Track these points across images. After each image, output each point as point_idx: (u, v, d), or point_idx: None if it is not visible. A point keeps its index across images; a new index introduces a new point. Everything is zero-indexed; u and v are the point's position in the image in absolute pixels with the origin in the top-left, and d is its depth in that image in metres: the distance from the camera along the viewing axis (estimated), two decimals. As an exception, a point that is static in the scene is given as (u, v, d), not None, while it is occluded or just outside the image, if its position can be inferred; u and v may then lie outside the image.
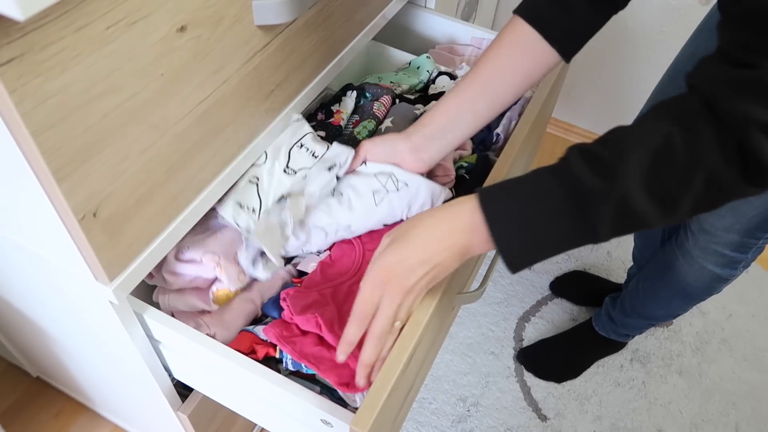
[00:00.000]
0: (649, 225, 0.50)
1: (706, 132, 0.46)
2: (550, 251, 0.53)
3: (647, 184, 0.48)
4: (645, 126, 0.50)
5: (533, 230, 0.52)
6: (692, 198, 0.48)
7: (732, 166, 0.46)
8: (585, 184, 0.49)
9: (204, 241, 0.70)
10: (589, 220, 0.50)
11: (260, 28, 0.62)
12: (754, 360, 1.35)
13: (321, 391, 0.65)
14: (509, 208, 0.52)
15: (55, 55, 0.41)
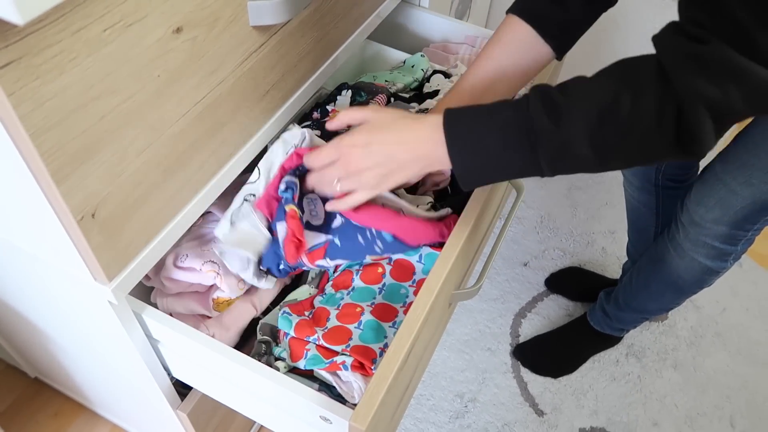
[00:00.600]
0: (587, 168, 0.57)
1: (651, 99, 0.51)
2: (500, 176, 0.60)
3: (590, 134, 0.53)
4: (601, 82, 0.55)
5: (486, 155, 0.58)
6: (627, 154, 0.54)
7: (667, 132, 0.51)
8: (536, 123, 0.55)
9: (203, 249, 0.70)
10: (534, 155, 0.56)
11: (255, 28, 0.62)
12: (748, 353, 1.37)
13: (320, 389, 0.66)
14: (468, 134, 0.58)
15: (53, 58, 0.42)
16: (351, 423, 0.54)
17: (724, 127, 0.51)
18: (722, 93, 0.48)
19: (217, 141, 0.64)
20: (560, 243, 1.55)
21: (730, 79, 0.48)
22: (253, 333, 0.73)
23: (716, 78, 0.48)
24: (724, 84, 0.48)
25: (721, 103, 0.49)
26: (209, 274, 0.68)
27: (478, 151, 0.58)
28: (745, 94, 0.48)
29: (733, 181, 0.84)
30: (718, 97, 0.48)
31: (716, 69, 0.48)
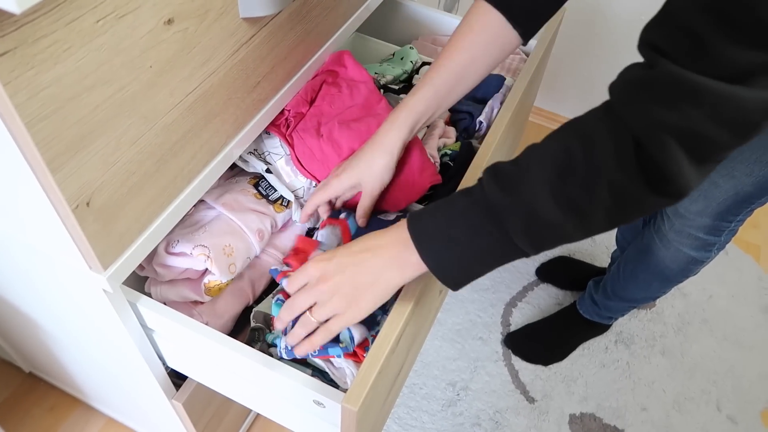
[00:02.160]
0: (569, 236, 0.51)
1: (604, 141, 0.47)
2: (482, 267, 0.55)
3: (554, 195, 0.49)
4: (550, 142, 0.51)
5: (459, 249, 0.54)
6: (602, 209, 0.49)
7: (631, 174, 0.46)
8: (493, 199, 0.51)
9: (193, 234, 0.71)
10: (506, 235, 0.52)
11: (245, 20, 0.63)
12: (733, 339, 1.39)
13: (313, 374, 0.67)
14: (434, 230, 0.55)
15: (47, 48, 0.43)
16: (343, 404, 0.56)
17: (708, 160, 0.46)
18: (680, 116, 0.43)
19: (210, 131, 0.65)
20: (550, 233, 1.56)
21: (684, 100, 0.43)
22: (247, 321, 0.74)
23: (668, 101, 0.44)
24: (679, 106, 0.43)
25: (682, 128, 0.44)
26: (200, 257, 0.69)
27: (448, 246, 0.54)
28: (707, 113, 0.43)
29: (715, 173, 0.86)
30: (677, 120, 0.43)
31: (667, 91, 0.44)
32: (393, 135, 0.71)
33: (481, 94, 0.95)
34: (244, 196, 0.77)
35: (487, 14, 0.70)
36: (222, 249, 0.71)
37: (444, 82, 0.71)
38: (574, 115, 0.60)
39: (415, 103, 0.71)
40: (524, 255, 0.53)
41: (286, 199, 0.80)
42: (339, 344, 0.63)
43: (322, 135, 0.79)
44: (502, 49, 0.71)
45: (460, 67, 0.71)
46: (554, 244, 0.53)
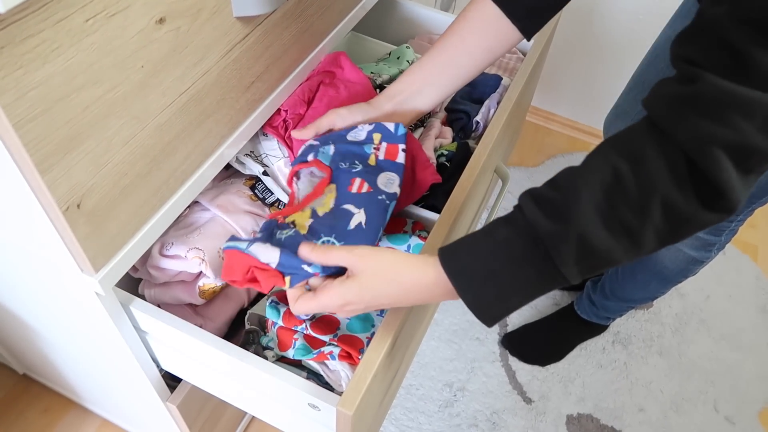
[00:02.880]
0: (616, 261, 0.49)
1: (654, 159, 0.45)
2: (520, 300, 0.51)
3: (604, 220, 0.47)
4: (592, 162, 0.49)
5: (498, 282, 0.51)
6: (653, 230, 0.47)
7: (685, 190, 0.45)
8: (540, 228, 0.48)
9: (188, 237, 0.70)
10: (551, 265, 0.48)
11: (239, 19, 0.62)
12: (731, 339, 1.39)
13: (308, 377, 0.67)
14: (471, 263, 0.51)
15: (36, 47, 0.42)
16: (338, 408, 0.55)
17: (753, 172, 0.45)
18: (732, 130, 0.42)
19: (203, 132, 0.64)
20: (547, 233, 1.56)
21: (734, 112, 0.42)
22: (241, 323, 0.73)
23: (718, 115, 0.43)
24: (730, 119, 0.42)
25: (735, 142, 0.43)
26: (194, 260, 0.68)
27: (486, 281, 0.51)
28: (758, 125, 0.42)
29: None
30: (729, 135, 0.42)
31: (714, 106, 0.43)
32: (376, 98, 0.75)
33: (477, 94, 0.95)
34: (239, 198, 0.76)
35: (483, 7, 0.70)
36: (217, 252, 0.70)
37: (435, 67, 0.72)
38: (571, 114, 0.60)
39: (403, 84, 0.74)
40: (565, 285, 0.50)
41: (282, 202, 0.79)
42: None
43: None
44: (501, 41, 0.71)
45: (451, 52, 0.71)
46: (600, 271, 0.50)
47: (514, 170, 1.68)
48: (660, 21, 1.00)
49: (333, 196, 0.68)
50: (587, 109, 1.75)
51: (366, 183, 0.68)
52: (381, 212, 0.67)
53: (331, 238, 0.64)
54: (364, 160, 0.72)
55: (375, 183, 0.69)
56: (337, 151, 0.73)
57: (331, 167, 0.71)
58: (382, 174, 0.71)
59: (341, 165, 0.72)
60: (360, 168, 0.71)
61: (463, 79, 0.74)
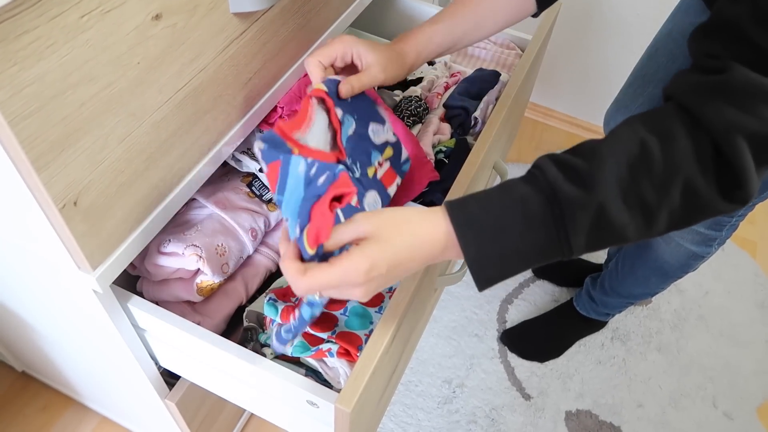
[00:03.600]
0: (626, 239, 0.48)
1: (683, 139, 0.46)
2: (519, 265, 0.50)
3: (624, 193, 0.46)
4: (619, 135, 0.48)
5: (506, 240, 0.49)
6: (668, 210, 0.47)
7: (708, 175, 0.45)
8: (561, 191, 0.47)
9: (185, 234, 0.70)
10: (562, 232, 0.47)
11: (236, 15, 0.62)
12: (729, 335, 1.39)
13: (306, 374, 0.67)
14: (480, 218, 0.49)
15: (30, 44, 0.42)
16: (336, 405, 0.55)
17: (766, 163, 0.46)
18: (758, 119, 0.43)
19: (200, 129, 0.64)
20: (546, 230, 1.56)
21: (762, 102, 0.43)
22: (240, 321, 0.73)
23: (746, 104, 0.44)
24: (756, 108, 0.43)
25: (759, 132, 0.43)
26: (192, 257, 0.68)
27: (497, 236, 0.49)
28: None
29: None
30: (755, 125, 0.43)
31: (743, 94, 0.44)
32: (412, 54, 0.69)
33: (476, 90, 0.94)
34: (237, 195, 0.76)
35: None
36: (214, 249, 0.70)
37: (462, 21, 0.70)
38: (570, 110, 0.60)
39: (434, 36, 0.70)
40: (568, 256, 0.49)
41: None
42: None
43: None
44: (515, 12, 0.71)
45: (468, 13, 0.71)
46: (606, 246, 0.49)
47: (513, 166, 1.68)
48: (659, 15, 1.00)
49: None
50: (586, 104, 1.75)
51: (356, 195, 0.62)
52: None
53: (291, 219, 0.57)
54: (365, 167, 0.68)
55: (362, 200, 0.65)
56: (354, 134, 0.66)
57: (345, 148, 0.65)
58: (370, 193, 0.66)
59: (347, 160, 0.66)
60: (358, 174, 0.66)
61: (474, 41, 0.73)
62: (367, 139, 0.68)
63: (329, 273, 0.49)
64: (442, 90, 0.96)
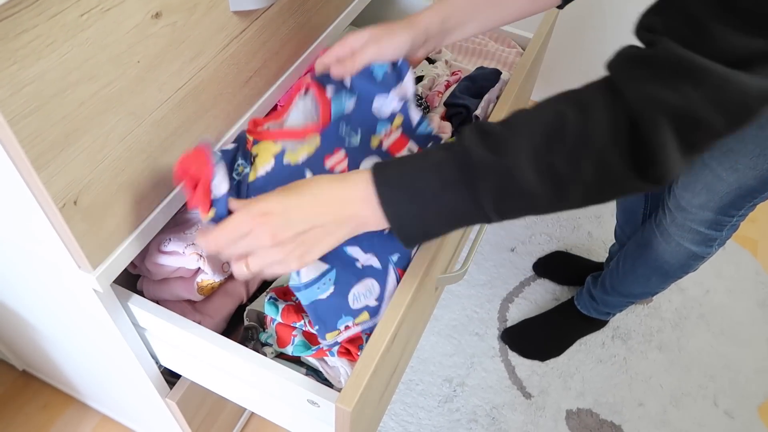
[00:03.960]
0: (537, 209, 0.50)
1: (599, 111, 0.46)
2: (440, 227, 0.53)
3: (536, 161, 0.47)
4: (541, 105, 0.49)
5: (422, 202, 0.51)
6: (582, 183, 0.47)
7: (621, 150, 0.45)
8: (473, 155, 0.49)
9: (185, 233, 0.70)
10: (474, 194, 0.49)
11: (236, 14, 0.62)
12: (731, 334, 1.39)
13: (307, 373, 0.66)
14: (400, 179, 0.52)
15: (30, 42, 0.41)
16: (337, 405, 0.55)
17: (695, 147, 0.45)
18: (680, 96, 0.43)
19: (200, 127, 0.64)
20: (547, 228, 1.56)
21: (685, 79, 0.42)
22: (240, 320, 0.73)
23: (668, 80, 0.43)
24: (679, 85, 0.43)
25: (681, 109, 0.43)
26: (192, 256, 0.68)
27: (413, 197, 0.51)
28: (707, 95, 0.42)
29: (719, 166, 0.85)
30: (676, 101, 0.43)
31: (667, 70, 0.43)
32: (426, 12, 0.68)
33: (477, 88, 0.94)
34: (237, 193, 0.76)
35: None
36: (214, 246, 0.70)
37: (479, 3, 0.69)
38: None
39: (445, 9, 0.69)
40: (486, 220, 0.51)
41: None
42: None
43: None
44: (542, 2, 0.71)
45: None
46: (519, 215, 0.51)
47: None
48: (660, 15, 0.99)
49: (307, 151, 0.65)
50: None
51: (346, 162, 0.65)
52: None
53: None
54: (367, 136, 0.68)
55: (356, 166, 0.66)
56: (354, 111, 0.67)
57: (331, 120, 0.66)
58: (369, 158, 0.68)
59: (341, 126, 0.68)
60: (357, 144, 0.67)
61: (499, 23, 0.72)
62: (369, 112, 0.69)
63: (224, 223, 0.52)
64: (443, 88, 0.96)
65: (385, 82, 0.69)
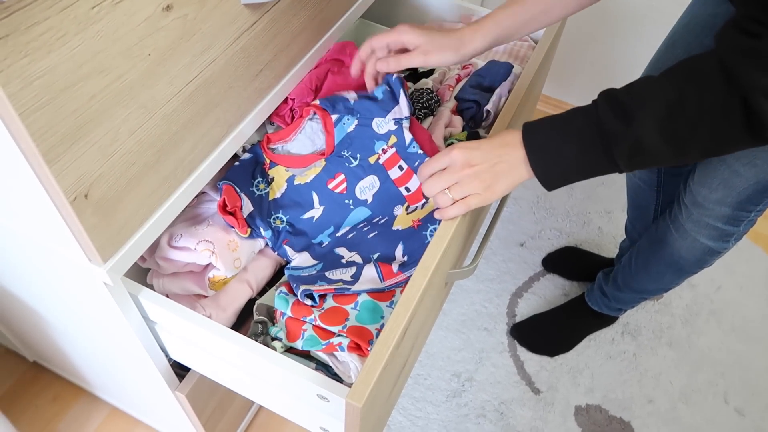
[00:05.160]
0: (664, 162, 0.60)
1: (716, 92, 0.54)
2: (579, 176, 0.64)
3: (662, 130, 0.57)
4: (666, 80, 0.58)
5: (566, 163, 0.62)
6: (701, 146, 0.57)
7: (734, 122, 0.54)
8: (607, 125, 0.59)
9: (196, 228, 0.70)
10: (610, 155, 0.60)
11: (247, 7, 0.61)
12: (741, 331, 1.38)
13: (317, 367, 0.66)
14: (546, 143, 0.63)
15: (41, 35, 0.41)
16: (347, 400, 0.55)
17: None
18: None
19: (211, 121, 0.63)
20: (556, 223, 1.55)
21: None
22: (250, 313, 0.73)
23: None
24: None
25: None
26: (204, 253, 0.68)
27: (557, 160, 0.63)
28: None
29: (736, 162, 0.84)
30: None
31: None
32: (476, 37, 0.73)
33: (488, 83, 0.93)
34: (247, 187, 0.76)
35: None
36: (226, 244, 0.70)
37: (533, 5, 0.73)
38: (582, 103, 0.62)
39: (503, 18, 0.74)
40: (618, 171, 0.61)
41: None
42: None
43: None
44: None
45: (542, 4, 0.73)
46: (648, 166, 0.61)
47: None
48: (672, 9, 0.98)
49: (315, 173, 0.78)
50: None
51: (345, 183, 0.78)
52: (339, 211, 0.77)
53: (279, 215, 0.77)
54: (366, 156, 0.79)
55: (353, 186, 0.78)
56: (355, 130, 0.78)
57: (334, 147, 0.79)
58: (367, 177, 0.78)
59: (343, 153, 0.79)
60: (355, 164, 0.79)
61: (548, 25, 0.77)
62: (370, 132, 0.79)
63: (430, 159, 0.67)
64: (453, 82, 0.95)
65: (384, 102, 0.79)
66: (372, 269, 0.72)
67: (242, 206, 0.73)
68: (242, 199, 0.74)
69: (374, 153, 0.79)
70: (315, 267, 0.74)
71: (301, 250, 0.76)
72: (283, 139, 0.79)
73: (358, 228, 0.77)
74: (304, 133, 0.79)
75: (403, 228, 0.76)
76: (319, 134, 0.80)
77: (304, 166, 0.78)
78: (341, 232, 0.77)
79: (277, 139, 0.79)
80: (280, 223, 0.77)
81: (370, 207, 0.78)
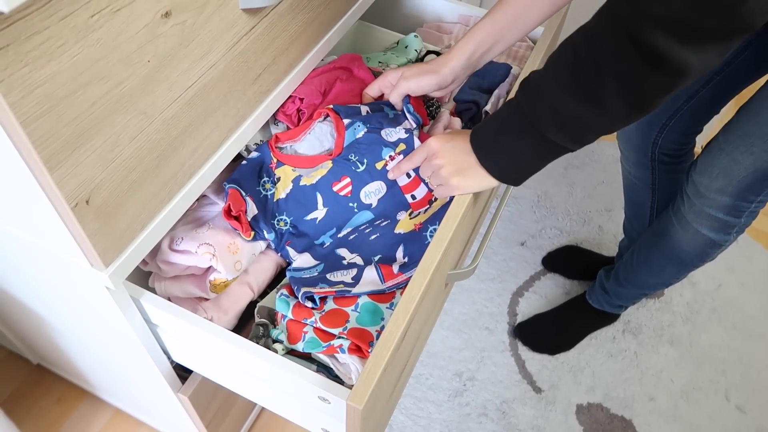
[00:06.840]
0: (597, 126, 0.58)
1: (604, 38, 0.54)
2: (532, 164, 0.64)
3: (569, 91, 0.57)
4: (562, 46, 0.59)
5: (508, 152, 0.64)
6: (615, 95, 0.55)
7: (630, 59, 0.52)
8: (523, 104, 0.61)
9: (197, 232, 0.70)
10: (541, 134, 0.60)
11: (245, 11, 0.62)
12: (742, 328, 1.38)
13: (318, 369, 0.67)
14: (485, 137, 0.66)
15: (41, 44, 0.42)
16: (348, 402, 0.55)
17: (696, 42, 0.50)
18: (660, 5, 0.48)
19: (210, 125, 0.64)
20: (557, 222, 1.55)
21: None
22: (251, 316, 0.73)
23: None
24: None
25: (664, 16, 0.48)
26: (205, 256, 0.68)
27: (501, 150, 0.64)
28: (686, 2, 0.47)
29: (734, 150, 0.85)
30: (659, 10, 0.48)
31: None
32: (452, 55, 0.77)
33: (487, 84, 0.94)
34: (247, 190, 0.76)
35: None
36: (227, 247, 0.70)
37: (503, 16, 0.75)
38: None
39: (474, 32, 0.76)
40: (568, 150, 0.61)
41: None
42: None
43: None
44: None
45: (519, 8, 0.74)
46: (589, 135, 0.59)
47: (524, 158, 1.67)
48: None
49: (321, 174, 0.79)
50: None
51: (351, 187, 0.79)
52: (343, 213, 0.78)
53: (283, 216, 0.78)
54: (373, 161, 0.80)
55: (358, 190, 0.79)
56: (364, 137, 0.80)
57: (343, 148, 0.80)
58: (374, 183, 0.79)
59: (350, 156, 0.79)
60: (362, 169, 0.79)
61: (527, 32, 0.78)
62: (378, 138, 0.80)
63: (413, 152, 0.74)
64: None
65: (395, 119, 0.83)
66: (373, 271, 0.72)
67: (247, 210, 0.74)
68: (247, 203, 0.74)
69: (381, 159, 0.79)
70: (316, 268, 0.74)
71: (303, 251, 0.76)
72: (292, 138, 0.80)
73: (360, 229, 0.77)
74: (313, 134, 0.80)
75: (405, 231, 0.76)
76: (328, 136, 0.81)
77: (311, 166, 0.79)
78: (343, 233, 0.78)
79: (286, 139, 0.80)
80: (283, 225, 0.77)
81: (374, 211, 0.79)
